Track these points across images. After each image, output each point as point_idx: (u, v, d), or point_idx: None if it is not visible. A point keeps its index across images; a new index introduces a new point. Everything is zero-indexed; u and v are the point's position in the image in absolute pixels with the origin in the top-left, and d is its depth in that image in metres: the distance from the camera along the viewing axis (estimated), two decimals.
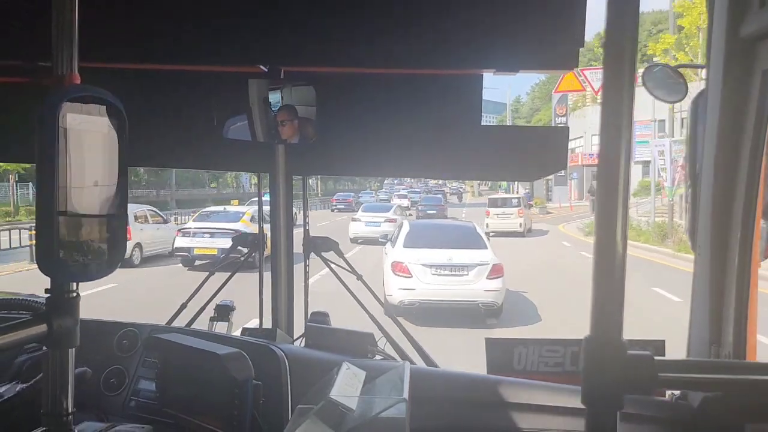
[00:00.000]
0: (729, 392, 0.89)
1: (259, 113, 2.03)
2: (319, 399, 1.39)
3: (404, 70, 2.04)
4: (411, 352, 2.31)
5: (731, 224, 1.52)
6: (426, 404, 1.47)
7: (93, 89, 1.02)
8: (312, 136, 1.98)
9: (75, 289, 1.06)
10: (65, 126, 0.96)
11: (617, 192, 0.74)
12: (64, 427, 1.04)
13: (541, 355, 2.11)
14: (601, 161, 0.75)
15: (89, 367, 2.03)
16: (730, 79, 1.46)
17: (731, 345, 1.53)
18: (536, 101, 78.82)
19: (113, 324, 2.17)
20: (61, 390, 1.05)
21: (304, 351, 2.06)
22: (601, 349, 0.74)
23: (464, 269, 10.87)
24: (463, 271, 10.86)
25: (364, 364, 1.63)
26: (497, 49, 1.85)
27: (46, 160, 0.94)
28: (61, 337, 1.03)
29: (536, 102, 77.82)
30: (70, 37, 1.02)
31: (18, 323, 1.00)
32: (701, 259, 1.60)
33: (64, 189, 0.96)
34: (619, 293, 0.74)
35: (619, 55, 0.74)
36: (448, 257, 10.93)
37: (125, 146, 1.06)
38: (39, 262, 0.96)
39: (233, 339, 2.03)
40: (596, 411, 0.74)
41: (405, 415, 1.37)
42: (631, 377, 0.74)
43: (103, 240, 1.03)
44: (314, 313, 2.38)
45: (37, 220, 0.95)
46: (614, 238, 0.74)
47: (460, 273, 10.86)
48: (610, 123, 0.74)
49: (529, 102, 60.70)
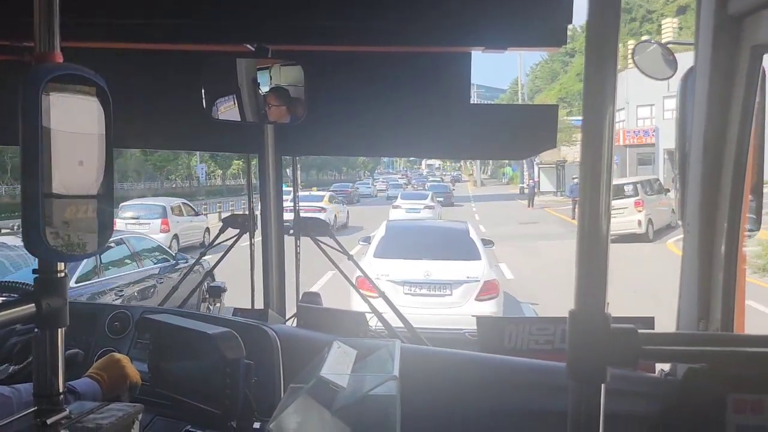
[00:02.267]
0: (712, 364, 0.91)
1: (247, 93, 2.01)
2: (310, 378, 1.40)
3: (392, 48, 2.03)
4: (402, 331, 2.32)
5: (719, 200, 1.53)
6: (416, 382, 1.48)
7: (76, 67, 1.00)
8: (301, 116, 1.97)
9: (63, 268, 1.06)
10: (48, 105, 0.95)
11: (601, 171, 0.75)
12: (55, 406, 1.05)
13: (531, 333, 2.13)
14: (584, 143, 0.77)
15: (81, 349, 2.03)
16: (719, 55, 1.46)
17: (719, 320, 1.55)
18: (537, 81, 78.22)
19: (105, 306, 2.18)
20: (51, 370, 1.05)
21: (296, 331, 2.07)
22: (585, 322, 0.75)
23: (446, 287, 8.33)
24: (445, 290, 8.34)
25: (355, 342, 1.64)
26: (486, 26, 1.84)
27: (29, 140, 0.93)
28: (50, 317, 1.03)
29: (537, 82, 77.26)
30: (52, 14, 1.01)
31: (6, 303, 1.00)
32: (690, 236, 1.62)
33: (49, 169, 0.95)
34: (603, 268, 0.75)
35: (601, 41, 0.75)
36: (425, 272, 8.38)
37: (110, 125, 1.05)
38: (26, 242, 0.95)
39: (225, 319, 2.04)
40: (580, 384, 0.75)
41: (395, 392, 1.38)
42: (615, 350, 0.75)
43: (90, 220, 1.02)
44: (306, 293, 2.39)
45: (22, 200, 0.94)
46: (598, 216, 0.75)
47: (441, 292, 8.35)
48: (593, 107, 0.76)
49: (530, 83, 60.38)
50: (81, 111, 1.03)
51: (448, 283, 8.32)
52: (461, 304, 8.19)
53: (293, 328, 2.13)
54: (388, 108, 2.09)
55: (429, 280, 8.33)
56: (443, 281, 8.34)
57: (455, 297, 8.26)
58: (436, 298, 8.32)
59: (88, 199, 1.03)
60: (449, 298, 8.28)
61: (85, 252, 1.03)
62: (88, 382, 1.61)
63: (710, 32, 1.47)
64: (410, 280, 8.34)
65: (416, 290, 8.35)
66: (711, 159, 1.52)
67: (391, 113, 2.09)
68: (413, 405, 1.46)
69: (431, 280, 8.34)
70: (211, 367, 1.59)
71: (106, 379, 1.64)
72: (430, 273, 8.35)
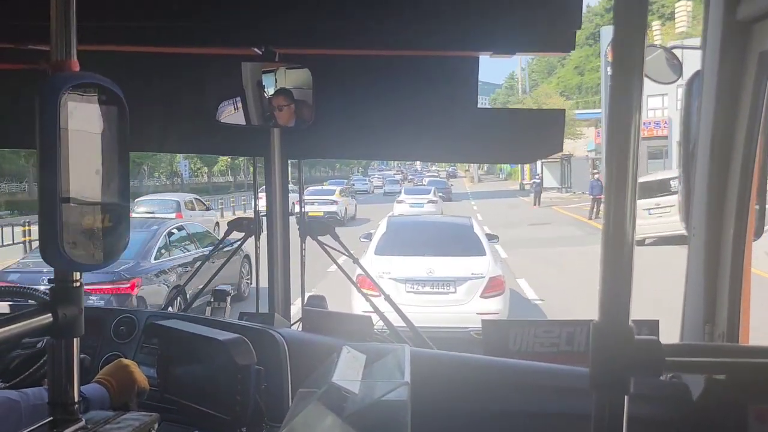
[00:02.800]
0: (735, 375, 0.91)
1: (253, 97, 2.01)
2: (320, 383, 1.40)
3: (400, 52, 2.03)
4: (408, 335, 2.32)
5: (726, 205, 1.54)
6: (424, 386, 1.48)
7: (92, 76, 1.00)
8: (308, 119, 1.97)
9: (79, 278, 1.05)
10: (65, 112, 0.95)
11: (627, 176, 0.74)
12: (71, 416, 1.04)
13: (536, 336, 2.14)
14: (609, 145, 0.76)
15: (86, 354, 2.03)
16: (727, 61, 1.47)
17: (725, 324, 1.56)
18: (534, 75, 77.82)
19: (109, 310, 2.17)
20: (67, 379, 1.05)
21: (303, 335, 2.07)
22: (608, 334, 0.75)
23: (450, 284, 8.02)
24: (449, 287, 8.03)
25: (364, 347, 1.64)
26: (494, 31, 1.84)
27: (47, 147, 0.93)
28: (66, 327, 1.02)
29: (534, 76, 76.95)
30: (69, 22, 1.00)
31: (23, 313, 0.99)
32: (696, 240, 1.62)
33: (66, 177, 0.95)
34: (627, 278, 0.75)
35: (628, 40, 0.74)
36: (428, 269, 8.10)
37: (125, 133, 1.05)
38: (43, 252, 0.95)
39: (232, 324, 2.03)
40: (604, 395, 0.76)
41: (407, 398, 1.38)
42: (639, 362, 0.75)
43: (106, 228, 1.02)
44: (311, 296, 2.39)
45: (40, 208, 0.94)
46: (623, 224, 0.74)
47: (445, 290, 8.04)
48: (618, 108, 0.75)
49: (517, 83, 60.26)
50: (98, 119, 1.02)
51: (452, 280, 8.02)
52: (466, 301, 7.91)
53: (300, 332, 2.13)
54: (395, 111, 2.09)
55: (432, 277, 8.04)
56: (447, 278, 8.03)
57: (459, 294, 7.97)
58: (440, 295, 8.02)
59: (105, 207, 1.02)
60: (453, 295, 7.99)
61: (102, 261, 1.03)
62: (96, 387, 1.61)
63: (718, 38, 1.47)
64: (413, 278, 8.04)
65: (419, 288, 8.05)
66: (717, 164, 1.53)
67: (397, 117, 2.09)
68: (420, 408, 1.47)
69: (434, 278, 8.04)
70: (221, 373, 1.59)
71: (114, 384, 1.64)
72: (434, 270, 8.07)
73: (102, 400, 1.58)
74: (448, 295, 8.02)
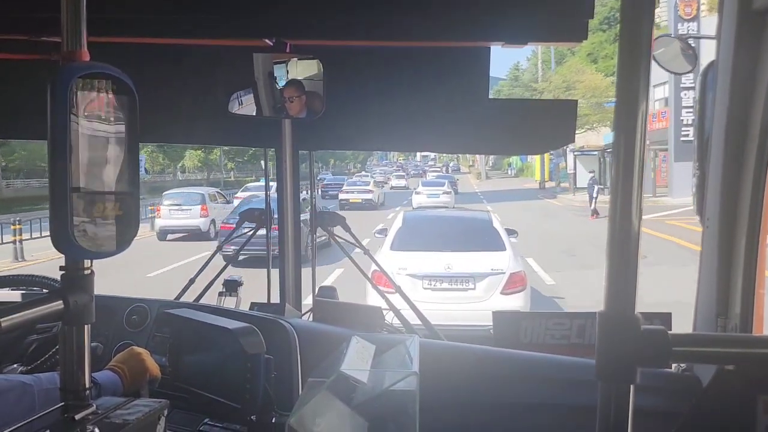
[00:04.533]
0: (742, 366, 0.90)
1: (264, 87, 2.02)
2: (329, 372, 1.41)
3: (411, 43, 2.02)
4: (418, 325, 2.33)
5: (740, 197, 1.52)
6: (434, 377, 1.49)
7: (103, 66, 1.01)
8: (319, 110, 1.97)
9: (89, 266, 1.07)
10: (76, 103, 0.96)
11: (633, 167, 0.74)
12: (82, 401, 1.06)
13: (547, 328, 2.13)
14: (616, 138, 0.75)
15: (99, 342, 2.05)
16: (742, 51, 1.45)
17: (738, 317, 1.54)
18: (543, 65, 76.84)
19: (122, 299, 2.19)
20: (78, 366, 1.06)
21: (313, 325, 2.08)
22: (615, 324, 0.75)
23: (469, 280, 7.71)
24: (468, 284, 7.71)
25: (373, 337, 1.64)
26: (506, 21, 1.83)
27: (58, 138, 0.94)
28: (77, 314, 1.04)
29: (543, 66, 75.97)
30: (80, 13, 1.01)
31: (35, 300, 1.01)
32: (709, 232, 1.61)
33: (77, 167, 0.96)
34: (633, 268, 0.75)
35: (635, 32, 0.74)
36: (446, 264, 7.78)
37: (135, 123, 1.06)
38: (54, 240, 0.96)
39: (243, 314, 2.05)
40: (610, 385, 0.75)
41: (415, 388, 1.38)
42: (645, 351, 0.74)
43: (116, 217, 1.03)
44: (322, 287, 2.40)
45: (51, 197, 0.95)
46: (629, 215, 0.74)
47: (464, 286, 7.72)
48: (625, 98, 0.74)
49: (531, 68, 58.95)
50: (107, 109, 1.03)
51: (471, 276, 7.72)
52: (486, 298, 7.57)
53: (310, 323, 2.14)
54: (406, 102, 2.09)
55: (451, 273, 7.74)
56: (466, 274, 7.73)
57: (479, 291, 7.66)
58: (459, 292, 7.70)
59: (115, 196, 1.04)
60: (473, 292, 7.68)
61: (112, 249, 1.04)
62: (109, 374, 1.63)
63: (733, 27, 1.45)
64: (430, 274, 7.74)
65: (437, 284, 7.73)
66: (732, 155, 1.51)
67: (408, 108, 2.09)
68: (431, 400, 1.47)
69: (453, 273, 7.74)
70: (231, 362, 1.60)
71: (126, 372, 1.66)
72: (452, 265, 7.75)
73: (114, 387, 1.60)
74: (467, 292, 7.72)
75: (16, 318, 0.98)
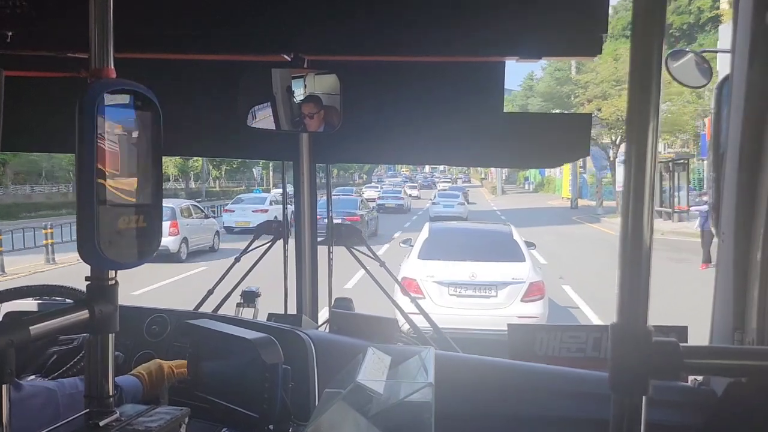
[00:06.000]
0: (755, 378, 0.90)
1: (282, 102, 2.05)
2: (346, 383, 1.42)
3: (426, 58, 2.05)
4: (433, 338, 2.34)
5: (756, 210, 1.52)
6: (449, 389, 1.50)
7: (129, 83, 1.05)
8: (336, 124, 2.01)
9: (114, 276, 1.10)
10: (103, 118, 1.00)
11: (644, 178, 0.75)
12: (106, 408, 1.09)
13: (562, 340, 2.13)
14: (628, 147, 0.76)
15: (120, 351, 2.08)
16: (756, 64, 1.45)
17: (755, 331, 1.53)
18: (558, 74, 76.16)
19: (143, 310, 2.22)
20: (102, 374, 1.10)
21: (329, 336, 2.10)
22: (627, 336, 0.75)
23: (491, 288, 8.37)
24: (491, 291, 8.38)
25: (389, 348, 1.66)
26: (521, 36, 1.85)
27: (86, 152, 0.97)
28: (102, 323, 1.07)
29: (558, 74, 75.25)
30: (107, 31, 1.05)
31: (61, 309, 1.04)
32: (725, 245, 1.60)
33: (103, 180, 0.99)
34: (645, 280, 0.75)
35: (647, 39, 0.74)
36: (471, 273, 8.45)
37: (159, 138, 1.09)
38: (80, 250, 1.00)
39: (260, 324, 2.07)
40: (623, 398, 0.76)
41: (431, 399, 1.40)
42: (657, 363, 0.75)
43: (140, 229, 1.06)
44: (338, 299, 2.42)
45: (78, 209, 0.99)
46: (641, 226, 0.75)
47: (487, 294, 8.39)
48: (638, 109, 0.75)
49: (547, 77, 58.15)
50: (133, 123, 1.07)
51: (494, 284, 8.38)
52: (507, 305, 8.25)
53: (327, 334, 2.16)
54: (421, 116, 2.11)
55: (475, 281, 8.39)
56: (489, 282, 8.39)
57: (501, 298, 8.32)
58: (482, 299, 8.37)
59: (140, 208, 1.07)
60: (495, 299, 8.34)
61: (135, 260, 1.07)
62: (131, 379, 1.67)
63: (747, 41, 1.46)
64: (456, 281, 8.40)
65: (462, 291, 8.40)
66: (747, 168, 1.51)
67: (423, 121, 2.12)
68: (446, 412, 1.48)
69: (477, 282, 8.40)
70: (250, 372, 1.62)
71: (147, 378, 1.70)
72: (476, 274, 8.43)
73: (135, 392, 1.64)
74: (490, 299, 8.34)
75: (44, 327, 1.01)
